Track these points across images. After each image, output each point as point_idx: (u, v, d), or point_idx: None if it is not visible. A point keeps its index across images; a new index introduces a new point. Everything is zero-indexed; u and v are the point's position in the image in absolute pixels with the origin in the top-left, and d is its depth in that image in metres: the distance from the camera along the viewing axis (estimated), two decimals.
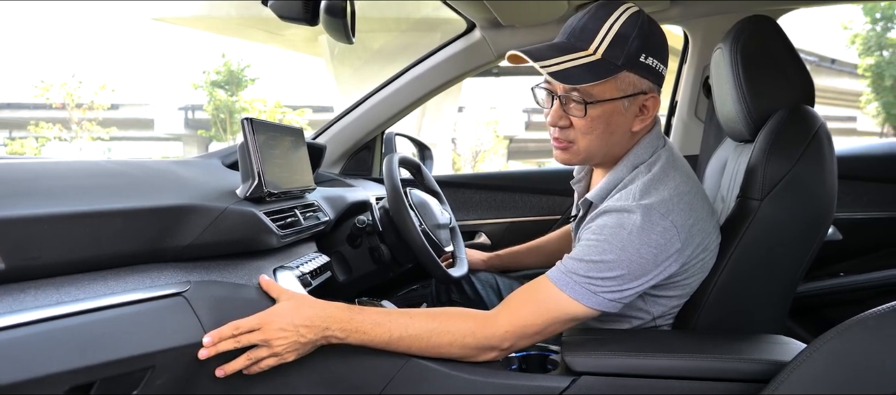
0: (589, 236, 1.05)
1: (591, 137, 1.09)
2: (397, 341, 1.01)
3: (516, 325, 1.02)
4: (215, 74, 22.07)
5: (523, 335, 1.03)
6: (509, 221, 2.08)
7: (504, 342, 1.02)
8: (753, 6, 1.71)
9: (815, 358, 0.86)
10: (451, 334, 1.01)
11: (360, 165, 2.08)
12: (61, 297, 0.80)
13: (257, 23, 17.31)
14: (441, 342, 1.01)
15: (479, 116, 23.31)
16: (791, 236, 1.13)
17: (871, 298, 1.75)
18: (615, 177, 1.12)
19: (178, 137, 27.23)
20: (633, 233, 1.00)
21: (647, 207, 1.02)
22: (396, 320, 1.02)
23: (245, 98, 22.45)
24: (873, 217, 1.80)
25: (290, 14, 1.15)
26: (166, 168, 1.14)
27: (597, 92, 1.05)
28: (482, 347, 1.02)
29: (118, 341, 0.82)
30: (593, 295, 1.01)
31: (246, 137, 1.09)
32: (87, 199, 0.87)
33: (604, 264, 1.00)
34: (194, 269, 1.00)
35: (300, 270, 1.18)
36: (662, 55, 1.09)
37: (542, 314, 1.02)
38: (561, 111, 1.09)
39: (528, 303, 1.04)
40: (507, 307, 1.04)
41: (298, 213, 1.25)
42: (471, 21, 1.82)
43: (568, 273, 1.02)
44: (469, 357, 1.03)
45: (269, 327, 0.96)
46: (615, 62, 1.04)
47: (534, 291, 1.05)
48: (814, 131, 1.14)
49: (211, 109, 22.40)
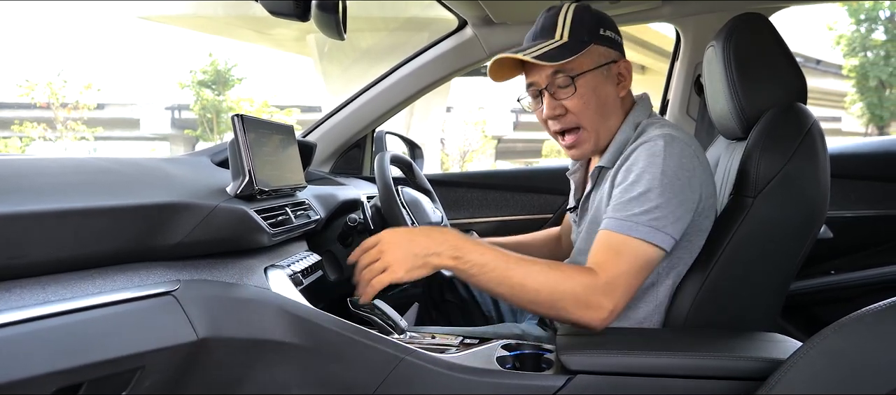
0: (627, 174, 1.10)
1: (589, 113, 1.18)
2: (514, 283, 1.03)
3: (618, 280, 1.03)
4: (202, 74, 21.97)
5: (626, 290, 1.04)
6: (500, 219, 2.07)
7: (612, 297, 1.03)
8: (745, 4, 1.71)
9: (812, 356, 0.86)
10: (569, 283, 1.03)
11: (351, 163, 2.07)
12: (47, 296, 0.78)
13: (245, 22, 17.23)
14: (560, 289, 1.02)
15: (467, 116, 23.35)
16: (784, 234, 1.13)
17: (861, 296, 1.76)
18: (623, 137, 1.20)
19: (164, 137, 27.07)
20: (664, 158, 1.07)
21: (667, 135, 1.10)
22: (516, 264, 1.04)
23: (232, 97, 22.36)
24: (864, 215, 1.81)
25: (280, 10, 1.14)
26: (155, 165, 1.12)
27: (577, 66, 1.16)
28: (592, 304, 1.02)
29: (106, 341, 0.80)
30: (657, 231, 1.05)
31: (237, 133, 1.08)
32: (74, 196, 0.85)
33: (655, 192, 1.05)
34: (184, 268, 0.98)
35: (291, 269, 1.17)
36: (615, 27, 1.23)
37: (631, 265, 1.04)
38: (553, 102, 1.19)
39: (615, 257, 1.05)
40: (601, 266, 1.05)
41: (289, 211, 1.23)
42: (462, 19, 1.81)
43: (628, 219, 1.06)
44: (578, 315, 1.03)
45: (386, 236, 1.05)
46: (582, 38, 1.16)
47: (611, 246, 1.06)
48: (807, 129, 1.14)
49: (198, 108, 22.29)
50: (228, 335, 0.95)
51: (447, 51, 1.89)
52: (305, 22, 1.18)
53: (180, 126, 25.32)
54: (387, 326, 1.15)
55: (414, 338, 1.18)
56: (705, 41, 1.76)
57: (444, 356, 1.04)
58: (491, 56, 1.88)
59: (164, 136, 26.90)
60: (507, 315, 1.56)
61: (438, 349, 1.11)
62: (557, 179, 2.07)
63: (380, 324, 1.15)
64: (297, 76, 38.85)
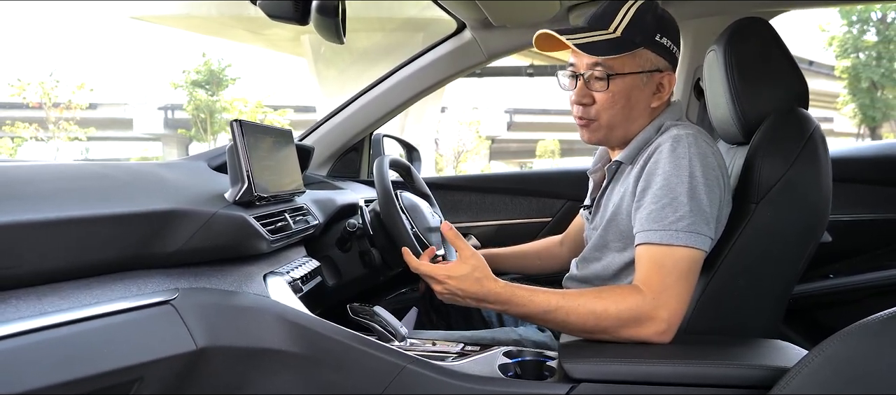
0: (655, 177, 1.09)
1: (612, 112, 1.17)
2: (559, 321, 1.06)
3: (667, 291, 1.03)
4: (196, 74, 21.89)
5: (678, 297, 1.03)
6: (499, 223, 2.06)
7: (666, 308, 1.02)
8: (746, 8, 1.71)
9: (818, 364, 0.85)
10: (617, 307, 1.03)
11: (348, 166, 2.05)
12: (44, 307, 0.77)
13: (238, 22, 17.16)
14: (610, 315, 1.03)
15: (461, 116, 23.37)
16: (787, 240, 1.13)
17: (861, 299, 1.76)
18: (645, 136, 1.19)
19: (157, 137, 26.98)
20: (692, 159, 1.07)
21: (689, 134, 1.10)
22: (561, 301, 1.05)
23: (226, 98, 22.29)
24: (863, 219, 1.81)
25: (280, 13, 1.12)
26: (151, 171, 1.11)
27: (617, 65, 1.14)
28: (645, 320, 1.02)
29: (105, 352, 0.78)
30: (695, 235, 1.04)
31: (235, 139, 1.06)
32: (72, 204, 0.84)
33: (687, 196, 1.05)
34: (182, 276, 0.96)
35: (290, 275, 1.15)
36: (676, 38, 1.19)
37: (677, 273, 1.04)
38: (585, 89, 1.18)
39: (658, 270, 1.05)
40: (646, 281, 1.05)
41: (288, 217, 1.22)
42: (461, 21, 1.80)
43: (665, 228, 1.05)
44: (636, 334, 1.03)
45: (444, 281, 1.11)
46: (634, 39, 1.13)
47: (655, 260, 1.05)
48: (809, 134, 1.14)
49: (191, 108, 22.21)
50: (228, 344, 0.94)
51: (446, 54, 1.87)
52: (304, 25, 1.16)
53: (173, 126, 25.22)
54: (387, 333, 1.14)
55: (414, 345, 1.17)
56: (705, 45, 1.75)
57: (446, 364, 1.03)
58: (490, 58, 1.88)
59: (156, 136, 26.80)
60: (508, 320, 1.55)
61: (439, 356, 1.09)
62: (557, 183, 2.07)
63: (380, 331, 1.14)
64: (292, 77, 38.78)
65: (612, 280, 1.22)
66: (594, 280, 1.25)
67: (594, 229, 1.29)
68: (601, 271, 1.23)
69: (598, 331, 1.04)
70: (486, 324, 1.56)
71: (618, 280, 1.21)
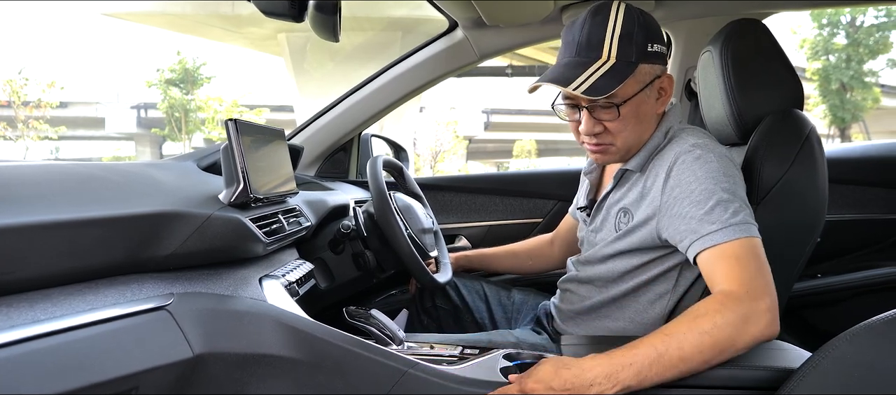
0: (690, 185, 1.05)
1: (626, 133, 1.15)
2: (675, 363, 0.91)
3: (754, 281, 0.96)
4: (170, 72, 21.59)
5: (766, 283, 0.97)
6: (489, 224, 2.05)
7: (763, 297, 0.94)
8: (737, 9, 1.72)
9: (825, 365, 0.85)
10: (718, 320, 0.92)
11: (337, 166, 2.02)
12: (36, 315, 0.73)
13: (215, 20, 16.92)
14: (715, 332, 0.91)
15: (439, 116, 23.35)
16: (786, 240, 1.13)
17: (848, 299, 1.78)
18: (654, 143, 1.17)
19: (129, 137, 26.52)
20: (719, 164, 1.06)
21: (709, 143, 1.10)
22: (662, 345, 0.92)
23: (201, 97, 22.00)
24: (850, 219, 1.83)
25: (275, 10, 1.10)
26: (143, 172, 1.07)
27: (623, 92, 1.10)
28: (750, 318, 0.92)
29: (100, 361, 0.75)
30: (752, 226, 1.01)
31: (231, 139, 1.03)
32: (64, 207, 0.80)
33: (729, 193, 1.03)
34: (176, 280, 0.93)
35: (286, 278, 1.13)
36: (661, 38, 1.16)
37: (755, 261, 0.99)
38: (593, 120, 1.14)
39: (739, 266, 0.98)
40: (731, 280, 0.98)
41: (282, 218, 1.19)
42: (453, 20, 1.78)
43: (724, 226, 1.00)
44: (748, 339, 0.92)
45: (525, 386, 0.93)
46: (630, 60, 1.10)
47: (732, 256, 0.99)
48: (806, 135, 1.14)
49: (165, 107, 21.90)
50: (225, 351, 0.91)
51: (437, 53, 1.85)
52: (299, 22, 1.14)
53: (147, 125, 24.82)
54: (385, 336, 1.12)
55: (412, 349, 1.15)
56: (696, 46, 1.76)
57: (449, 368, 1.01)
58: (482, 58, 1.86)
59: (129, 135, 26.34)
60: (501, 322, 1.54)
61: (439, 359, 1.08)
62: (547, 183, 2.06)
63: (377, 335, 1.11)
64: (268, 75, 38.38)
65: (617, 283, 1.21)
66: (596, 281, 1.24)
67: (594, 231, 1.28)
68: (605, 273, 1.22)
69: (717, 352, 0.91)
70: (479, 326, 1.55)
71: (623, 283, 1.20)
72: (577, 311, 1.29)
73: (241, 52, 35.37)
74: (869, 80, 19.05)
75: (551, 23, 1.76)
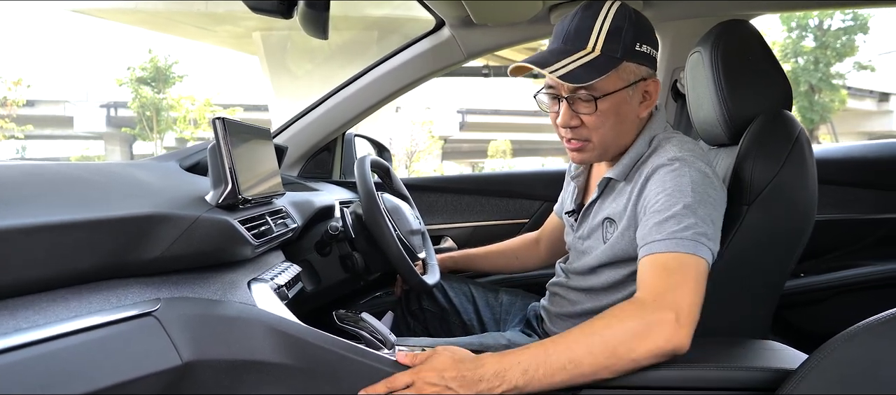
0: (658, 195, 1.04)
1: (603, 130, 1.13)
2: (565, 364, 0.90)
3: (671, 293, 0.94)
4: (141, 70, 21.23)
5: (687, 299, 0.94)
6: (475, 225, 2.03)
7: (671, 308, 0.92)
8: (726, 9, 1.73)
9: (824, 366, 0.85)
10: (618, 324, 0.91)
11: (320, 166, 1.99)
12: (18, 323, 0.69)
13: (187, 17, 16.64)
14: (612, 336, 0.91)
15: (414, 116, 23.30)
16: (777, 241, 1.13)
17: (828, 298, 1.80)
18: (636, 151, 1.16)
19: (99, 136, 26.02)
20: (694, 178, 1.04)
21: (692, 157, 1.07)
22: (555, 345, 0.92)
23: (173, 95, 21.68)
24: (833, 219, 1.85)
25: (263, 7, 1.08)
26: (125, 172, 1.04)
27: (603, 86, 1.09)
28: (652, 325, 0.91)
29: (86, 371, 0.72)
30: (700, 245, 0.99)
31: (218, 138, 1.00)
32: (45, 209, 0.77)
33: (689, 209, 1.01)
34: (162, 284, 0.90)
35: (275, 281, 1.10)
36: (653, 41, 1.15)
37: (683, 277, 0.96)
38: (570, 112, 1.12)
39: (665, 276, 0.96)
40: (648, 287, 0.97)
41: (269, 220, 1.16)
42: (440, 18, 1.76)
43: (669, 237, 0.99)
44: (649, 347, 0.90)
45: (420, 381, 0.91)
46: (614, 55, 1.08)
47: (660, 266, 0.98)
48: (796, 136, 1.15)
49: (136, 106, 21.54)
50: (215, 358, 0.88)
51: (423, 52, 1.82)
52: (288, 19, 1.11)
53: (116, 125, 24.37)
54: (376, 340, 1.09)
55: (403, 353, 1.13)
56: (683, 47, 1.76)
57: None
58: (469, 57, 1.85)
59: (98, 134, 25.84)
60: (489, 324, 1.53)
61: None
62: (534, 184, 2.05)
63: (368, 338, 1.09)
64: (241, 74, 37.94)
65: (607, 293, 1.19)
66: (586, 290, 1.23)
67: (581, 238, 1.27)
68: (595, 283, 1.21)
69: (609, 356, 0.90)
70: (467, 328, 1.53)
71: (614, 293, 1.18)
72: (567, 314, 1.28)
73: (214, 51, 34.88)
74: (836, 82, 19.52)
75: (539, 22, 1.75)
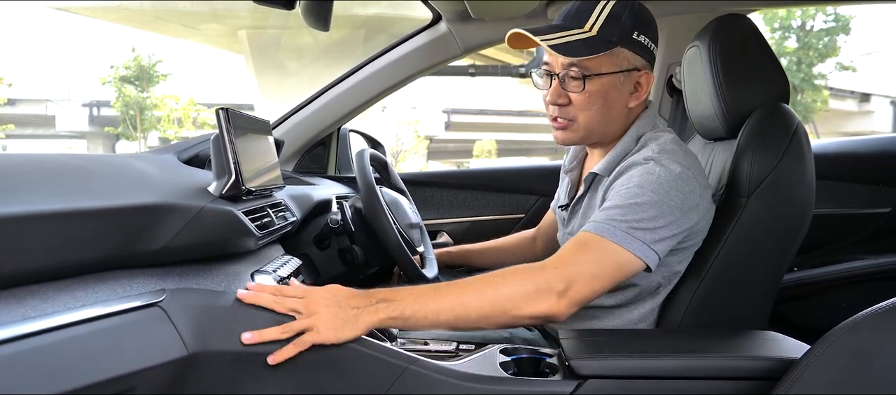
0: (619, 188, 1.07)
1: (589, 113, 1.14)
2: (454, 305, 0.97)
3: (574, 269, 0.99)
4: (125, 69, 20.98)
5: (586, 281, 0.99)
6: (471, 219, 2.03)
7: (563, 281, 0.97)
8: (722, 5, 1.74)
9: (827, 356, 0.86)
10: (513, 282, 0.98)
11: (316, 161, 1.98)
12: (26, 312, 0.68)
13: (172, 15, 16.49)
14: (503, 292, 0.98)
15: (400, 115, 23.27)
16: (776, 233, 1.14)
17: (823, 291, 1.82)
18: (623, 147, 1.17)
19: (81, 135, 25.71)
20: (661, 177, 1.04)
21: (667, 159, 1.07)
22: (448, 286, 0.98)
23: (156, 94, 21.47)
24: (827, 214, 1.87)
25: None
26: (127, 163, 1.03)
27: (594, 66, 1.11)
28: (542, 291, 0.97)
29: (93, 362, 0.71)
30: (635, 240, 1.00)
31: (222, 128, 0.99)
32: (51, 197, 0.76)
33: (639, 207, 1.02)
34: (167, 275, 0.89)
35: (278, 274, 1.09)
36: (653, 34, 1.16)
37: (597, 262, 1.00)
38: (560, 89, 1.14)
39: (578, 252, 1.01)
40: (558, 258, 1.01)
41: (271, 212, 1.15)
42: (437, 13, 1.76)
43: (608, 221, 1.02)
44: (531, 310, 0.97)
45: (313, 296, 0.93)
46: (610, 38, 1.10)
47: (580, 242, 1.02)
48: (794, 129, 1.16)
49: (120, 105, 21.28)
50: (220, 349, 0.87)
51: (419, 47, 1.82)
52: (290, 10, 1.11)
53: (99, 124, 24.09)
54: (378, 332, 1.09)
55: (405, 345, 1.13)
56: (679, 42, 1.77)
57: (450, 364, 0.99)
58: (465, 52, 1.85)
59: (81, 133, 25.52)
60: None
61: (435, 355, 1.05)
62: (530, 179, 2.06)
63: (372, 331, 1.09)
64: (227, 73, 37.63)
65: None
66: None
67: (569, 234, 1.27)
68: None
69: (495, 309, 0.98)
70: None
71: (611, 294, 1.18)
72: None
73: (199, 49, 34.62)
74: (818, 82, 19.74)
75: (537, 17, 1.76)
